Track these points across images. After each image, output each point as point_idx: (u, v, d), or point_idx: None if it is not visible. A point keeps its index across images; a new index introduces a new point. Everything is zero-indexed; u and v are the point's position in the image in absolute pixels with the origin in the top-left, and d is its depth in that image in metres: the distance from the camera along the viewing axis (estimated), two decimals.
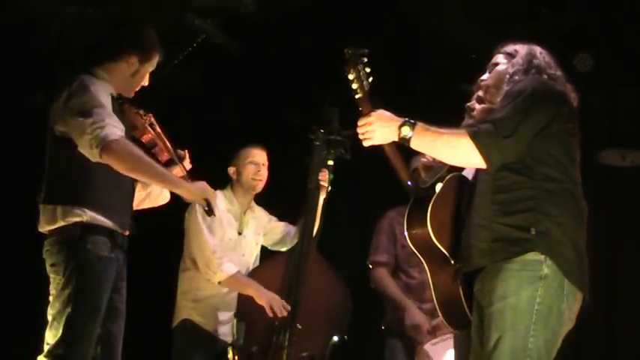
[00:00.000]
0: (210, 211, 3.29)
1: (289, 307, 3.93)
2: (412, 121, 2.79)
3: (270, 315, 3.95)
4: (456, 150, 2.76)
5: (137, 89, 3.45)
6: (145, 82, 3.45)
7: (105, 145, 3.04)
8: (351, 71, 2.81)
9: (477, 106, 3.24)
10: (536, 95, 2.77)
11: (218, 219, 4.23)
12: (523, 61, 2.91)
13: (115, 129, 3.10)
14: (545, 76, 2.88)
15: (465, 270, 2.86)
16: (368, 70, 2.83)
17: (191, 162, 3.58)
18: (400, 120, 2.80)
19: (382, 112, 2.83)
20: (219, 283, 4.14)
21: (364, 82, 2.82)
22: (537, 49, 2.96)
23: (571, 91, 2.92)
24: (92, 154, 3.09)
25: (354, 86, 2.82)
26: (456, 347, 3.22)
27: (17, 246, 4.59)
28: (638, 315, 5.09)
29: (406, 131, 2.77)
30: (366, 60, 2.82)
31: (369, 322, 4.60)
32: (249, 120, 5.45)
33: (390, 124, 2.80)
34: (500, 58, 3.00)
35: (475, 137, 2.72)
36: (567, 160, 2.80)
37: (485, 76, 3.03)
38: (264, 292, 4.02)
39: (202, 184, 3.31)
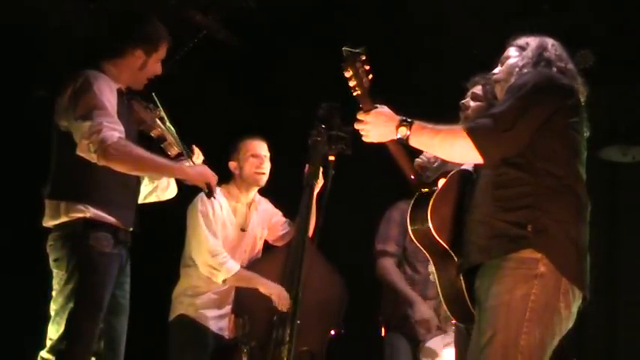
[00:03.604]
0: (210, 194, 3.34)
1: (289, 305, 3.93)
2: (409, 120, 2.79)
3: (278, 307, 3.96)
4: (453, 147, 2.75)
5: (149, 80, 3.44)
6: (158, 72, 3.45)
7: (102, 150, 3.06)
8: (348, 69, 2.83)
9: (472, 104, 3.24)
10: (538, 89, 2.75)
11: (221, 220, 4.23)
12: (533, 54, 2.89)
13: (112, 131, 3.09)
14: (554, 69, 2.86)
15: (464, 267, 2.86)
16: (367, 67, 2.84)
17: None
18: (397, 119, 2.80)
19: (381, 111, 2.84)
20: (224, 281, 4.14)
21: (363, 80, 2.83)
22: (549, 42, 2.94)
23: (581, 85, 2.91)
24: (91, 158, 3.10)
25: (352, 84, 2.84)
26: (456, 343, 3.22)
27: (19, 241, 4.59)
28: (639, 311, 5.10)
29: (403, 131, 2.78)
30: (364, 58, 2.83)
31: (369, 315, 4.59)
32: (251, 115, 5.44)
33: (387, 124, 2.81)
34: (511, 51, 2.98)
35: (472, 133, 2.71)
36: (570, 155, 2.79)
37: (497, 70, 3.02)
38: (271, 285, 4.03)
39: (202, 168, 3.37)
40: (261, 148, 4.34)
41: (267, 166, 4.33)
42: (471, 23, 4.85)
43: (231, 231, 4.28)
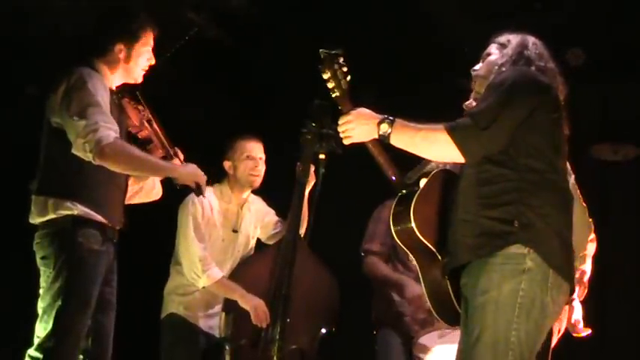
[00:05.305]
0: (199, 192, 3.41)
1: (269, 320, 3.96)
2: (391, 118, 2.80)
3: (254, 321, 3.97)
4: (434, 145, 2.76)
5: (144, 71, 3.43)
6: (151, 61, 3.43)
7: (98, 150, 3.07)
8: (326, 71, 2.85)
9: (473, 104, 3.23)
10: (517, 86, 2.76)
11: (212, 221, 4.22)
12: (513, 52, 2.90)
13: (108, 131, 3.10)
14: (533, 68, 2.87)
15: (450, 266, 2.86)
16: (345, 69, 2.86)
17: (185, 159, 3.58)
18: (379, 117, 2.81)
19: (361, 111, 2.85)
20: (204, 288, 4.13)
21: (341, 82, 2.86)
22: (530, 40, 2.94)
23: (560, 83, 2.91)
24: (86, 157, 3.10)
25: (330, 85, 2.86)
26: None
27: (6, 238, 4.58)
28: (629, 309, 5.11)
29: (384, 128, 2.78)
30: (341, 59, 2.85)
31: (361, 314, 4.59)
32: (242, 113, 5.44)
33: (369, 122, 2.81)
34: (493, 48, 2.99)
35: (452, 131, 2.72)
36: (551, 150, 2.79)
37: (477, 66, 3.03)
38: (250, 298, 4.04)
39: (192, 168, 3.40)
40: (257, 150, 4.31)
41: (261, 169, 4.31)
42: (462, 21, 4.85)
43: (222, 232, 4.26)
